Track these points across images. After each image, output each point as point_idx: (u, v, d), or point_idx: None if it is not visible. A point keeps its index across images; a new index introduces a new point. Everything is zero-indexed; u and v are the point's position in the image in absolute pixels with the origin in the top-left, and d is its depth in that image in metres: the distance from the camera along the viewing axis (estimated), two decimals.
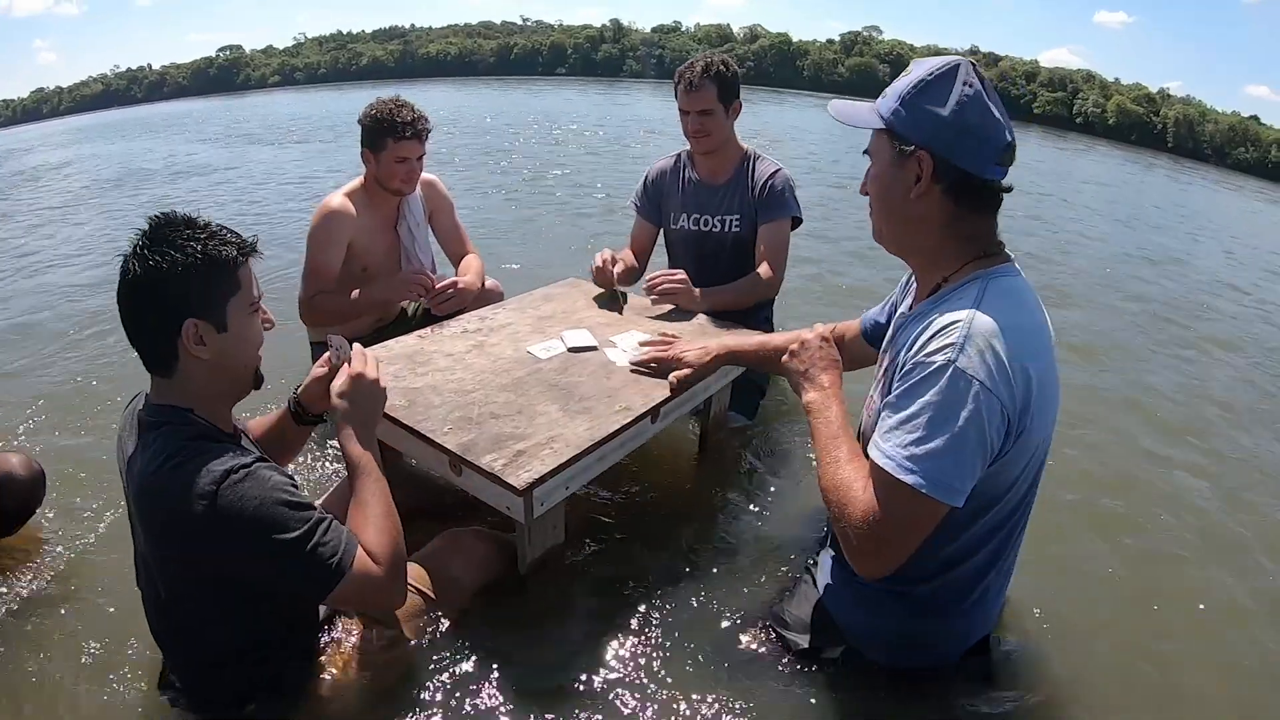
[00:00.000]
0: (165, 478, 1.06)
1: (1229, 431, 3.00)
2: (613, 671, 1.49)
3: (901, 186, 1.18)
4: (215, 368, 1.16)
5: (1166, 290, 5.34)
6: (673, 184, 2.64)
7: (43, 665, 1.50)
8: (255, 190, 7.76)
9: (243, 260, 1.16)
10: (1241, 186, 22.67)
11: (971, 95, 1.12)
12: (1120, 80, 53.62)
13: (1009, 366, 1.06)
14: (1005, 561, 1.32)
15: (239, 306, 1.16)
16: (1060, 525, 2.12)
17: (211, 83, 78.75)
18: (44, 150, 14.57)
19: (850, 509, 1.14)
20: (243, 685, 1.24)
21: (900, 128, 1.16)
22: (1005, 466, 1.14)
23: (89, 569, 1.77)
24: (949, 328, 1.09)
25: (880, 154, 1.21)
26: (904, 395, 1.11)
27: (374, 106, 2.35)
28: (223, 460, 1.07)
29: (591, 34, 79.63)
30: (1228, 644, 1.76)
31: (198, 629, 1.19)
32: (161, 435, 1.11)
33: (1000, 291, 1.14)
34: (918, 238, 1.23)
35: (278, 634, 1.25)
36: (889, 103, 1.17)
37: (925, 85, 1.13)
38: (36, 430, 2.52)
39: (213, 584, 1.13)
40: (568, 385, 1.80)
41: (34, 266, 4.86)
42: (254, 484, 1.07)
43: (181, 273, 1.08)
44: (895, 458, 1.08)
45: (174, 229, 1.11)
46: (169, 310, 1.10)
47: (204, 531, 1.04)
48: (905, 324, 1.26)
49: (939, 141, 1.13)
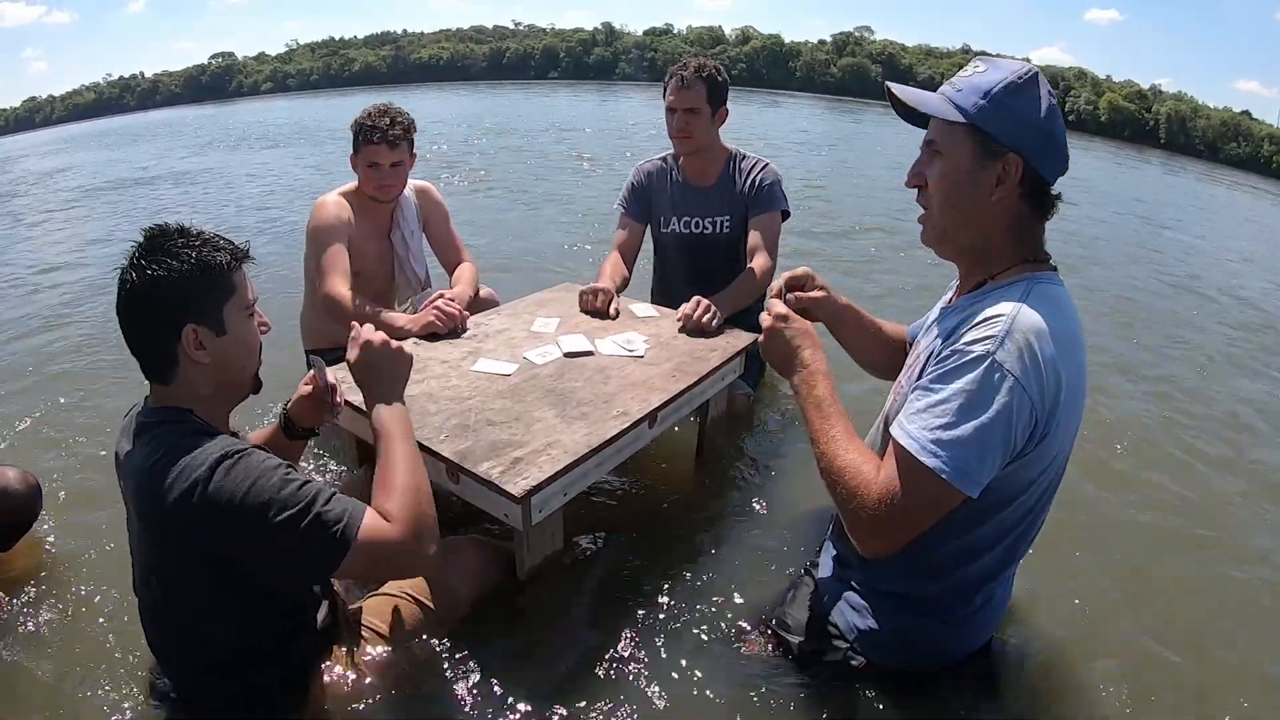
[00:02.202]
0: (162, 470, 1.06)
1: (1245, 423, 3.01)
2: (613, 676, 1.49)
3: (982, 186, 1.15)
4: (215, 371, 1.18)
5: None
6: (661, 186, 2.64)
7: (42, 677, 1.49)
8: (265, 197, 7.77)
9: (236, 265, 1.19)
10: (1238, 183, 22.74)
11: (1056, 105, 1.13)
12: (1112, 77, 53.88)
13: (1044, 367, 1.06)
14: (1011, 569, 1.32)
15: (235, 310, 1.19)
16: (1066, 523, 2.10)
17: (204, 90, 78.75)
18: (36, 159, 14.54)
19: (862, 491, 1.13)
20: (237, 693, 1.23)
21: (991, 127, 1.12)
22: (1022, 468, 1.14)
23: (87, 582, 1.76)
24: (992, 319, 1.09)
25: (956, 150, 1.16)
26: (938, 380, 1.11)
27: (363, 111, 2.36)
28: (216, 447, 1.08)
29: (584, 37, 79.78)
30: (1236, 643, 1.76)
31: (193, 633, 1.18)
32: (160, 433, 1.12)
33: (1044, 296, 1.13)
34: (981, 238, 1.21)
35: (273, 640, 1.24)
36: (971, 97, 1.13)
37: (1016, 87, 1.11)
38: (31, 444, 2.50)
39: (212, 580, 1.12)
40: (564, 391, 1.80)
41: (29, 275, 4.86)
42: (247, 466, 1.07)
43: (178, 280, 1.11)
44: (919, 439, 1.08)
45: (168, 239, 1.14)
46: (168, 317, 1.12)
47: (202, 519, 1.04)
48: (946, 314, 1.26)
49: (1032, 146, 1.12)
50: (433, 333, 2.10)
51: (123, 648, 1.53)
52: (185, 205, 7.50)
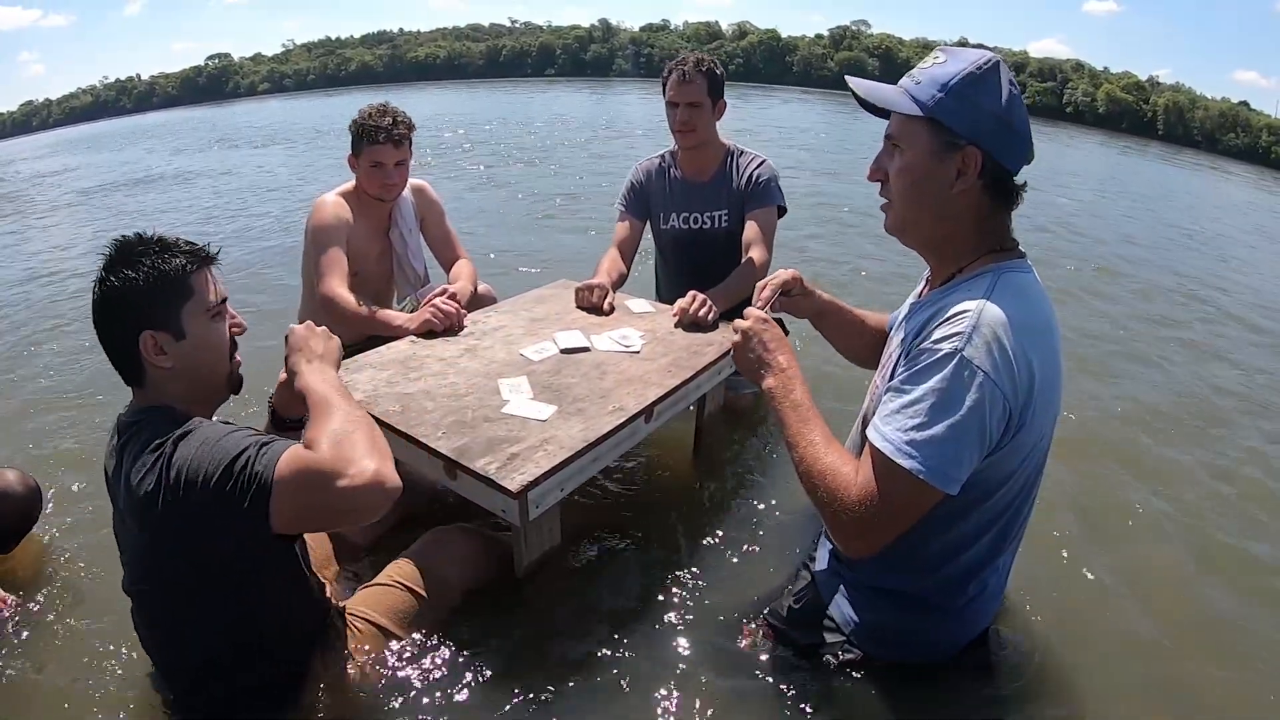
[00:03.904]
0: (147, 462, 1.08)
1: (1235, 419, 3.02)
2: (610, 671, 1.49)
3: (942, 180, 1.15)
4: (182, 374, 1.19)
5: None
6: (659, 184, 2.65)
7: (45, 677, 1.50)
8: (264, 194, 7.75)
9: (194, 268, 1.19)
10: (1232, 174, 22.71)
11: (1016, 94, 1.12)
12: (1109, 69, 53.78)
13: (1014, 359, 1.06)
14: (1002, 559, 1.32)
15: (194, 313, 1.19)
16: (1060, 518, 2.11)
17: (201, 91, 78.41)
18: (33, 160, 14.53)
19: (842, 493, 1.14)
20: (233, 690, 1.24)
21: (949, 119, 1.11)
22: (1001, 459, 1.15)
23: (88, 582, 1.77)
24: (958, 316, 1.09)
25: (916, 143, 1.15)
26: (909, 380, 1.11)
27: (360, 112, 2.37)
28: (179, 429, 1.11)
29: (580, 34, 79.53)
30: (1232, 636, 1.76)
31: (185, 631, 1.19)
32: (139, 430, 1.14)
33: (1011, 285, 1.13)
34: (945, 231, 1.21)
35: (266, 636, 1.24)
36: (929, 90, 1.12)
37: (975, 78, 1.10)
38: (31, 445, 2.51)
39: (197, 567, 1.12)
40: (561, 387, 1.80)
41: (25, 275, 4.86)
42: (198, 434, 1.10)
43: (132, 288, 1.14)
44: (895, 441, 1.09)
45: (129, 248, 1.17)
46: (127, 325, 1.16)
47: (170, 497, 1.05)
48: (915, 310, 1.26)
49: (991, 138, 1.11)
50: (430, 330, 2.10)
51: (124, 648, 1.54)
52: (174, 208, 7.50)
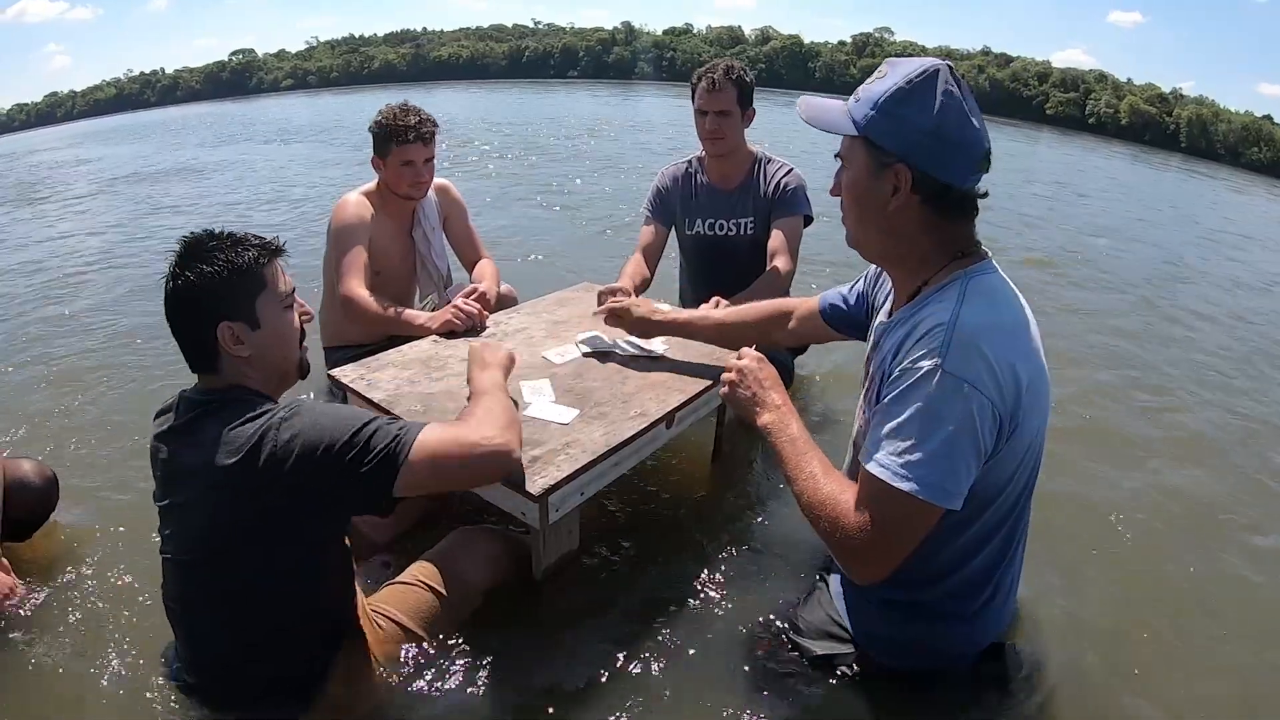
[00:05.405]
0: (245, 432, 1.14)
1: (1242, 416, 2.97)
2: (626, 677, 1.49)
3: (878, 197, 1.15)
4: (257, 361, 1.25)
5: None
6: (686, 190, 2.65)
7: (63, 665, 1.51)
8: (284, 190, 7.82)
9: (265, 261, 1.25)
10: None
11: (952, 104, 1.09)
12: (1133, 80, 53.21)
13: (996, 366, 1.06)
14: (1011, 562, 1.31)
15: (268, 303, 1.25)
16: (1074, 527, 2.08)
17: (224, 86, 79.28)
18: (54, 150, 14.73)
19: (844, 521, 1.13)
20: (259, 679, 1.26)
21: (878, 137, 1.12)
22: (997, 466, 1.14)
23: (105, 571, 1.78)
24: (933, 331, 1.08)
25: (855, 161, 1.17)
26: (894, 402, 1.10)
27: (381, 113, 2.37)
28: (277, 409, 1.19)
29: (603, 36, 79.72)
30: (1253, 646, 1.74)
31: (227, 607, 1.20)
32: (226, 406, 1.19)
33: (981, 290, 1.13)
34: (896, 247, 1.21)
35: (308, 622, 1.26)
36: (862, 108, 1.13)
37: (904, 93, 1.09)
38: (47, 435, 2.52)
39: (268, 542, 1.16)
40: (583, 390, 1.80)
41: (55, 269, 4.92)
42: (303, 412, 1.17)
43: (210, 283, 1.19)
44: (890, 466, 1.08)
45: (200, 244, 1.22)
46: (205, 317, 1.21)
47: (274, 464, 1.11)
48: (887, 330, 1.25)
49: (920, 153, 1.10)
50: (451, 330, 2.11)
51: (143, 636, 1.55)
52: (206, 200, 7.57)
